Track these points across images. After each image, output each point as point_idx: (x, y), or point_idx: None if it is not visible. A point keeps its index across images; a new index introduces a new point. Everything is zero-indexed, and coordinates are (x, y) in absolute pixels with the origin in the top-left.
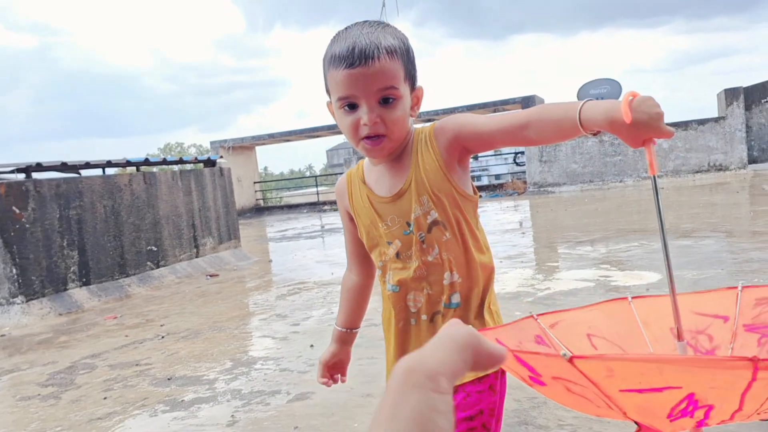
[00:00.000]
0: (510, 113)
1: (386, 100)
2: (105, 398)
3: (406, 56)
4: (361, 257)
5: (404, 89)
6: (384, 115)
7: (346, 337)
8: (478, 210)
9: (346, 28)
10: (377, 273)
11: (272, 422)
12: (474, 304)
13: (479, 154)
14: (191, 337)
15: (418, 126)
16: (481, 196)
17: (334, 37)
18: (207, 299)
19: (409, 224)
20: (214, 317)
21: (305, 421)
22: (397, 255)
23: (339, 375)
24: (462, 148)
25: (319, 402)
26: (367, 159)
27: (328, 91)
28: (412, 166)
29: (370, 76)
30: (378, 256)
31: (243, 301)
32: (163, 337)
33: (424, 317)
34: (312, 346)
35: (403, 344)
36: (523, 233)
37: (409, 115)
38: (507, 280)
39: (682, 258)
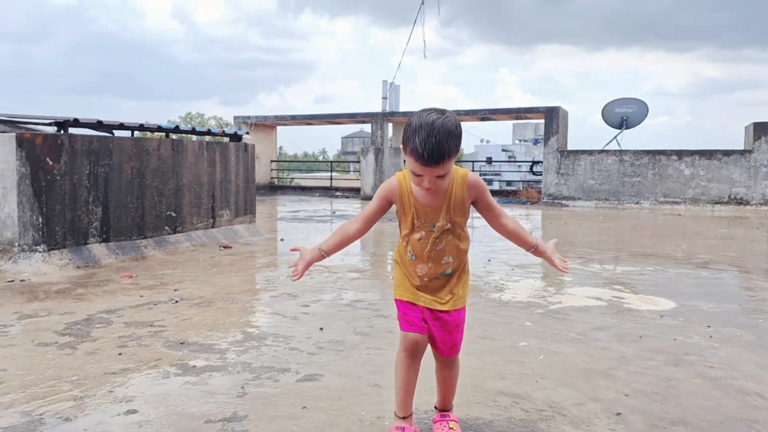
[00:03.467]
0: (501, 214)
1: (440, 176)
2: (120, 354)
3: (458, 150)
4: (370, 222)
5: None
6: (438, 183)
7: (322, 258)
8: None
9: (426, 119)
10: (401, 243)
11: (281, 399)
12: (458, 274)
13: (493, 159)
14: (204, 305)
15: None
16: None
17: (418, 124)
18: (219, 269)
19: (434, 225)
20: (227, 288)
21: (313, 402)
22: (419, 239)
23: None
24: (473, 202)
25: (327, 385)
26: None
27: (404, 148)
28: (448, 195)
29: (436, 170)
30: (406, 235)
31: (254, 276)
32: (176, 301)
33: (426, 279)
34: (322, 329)
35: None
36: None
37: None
38: (518, 289)
39: (697, 289)
